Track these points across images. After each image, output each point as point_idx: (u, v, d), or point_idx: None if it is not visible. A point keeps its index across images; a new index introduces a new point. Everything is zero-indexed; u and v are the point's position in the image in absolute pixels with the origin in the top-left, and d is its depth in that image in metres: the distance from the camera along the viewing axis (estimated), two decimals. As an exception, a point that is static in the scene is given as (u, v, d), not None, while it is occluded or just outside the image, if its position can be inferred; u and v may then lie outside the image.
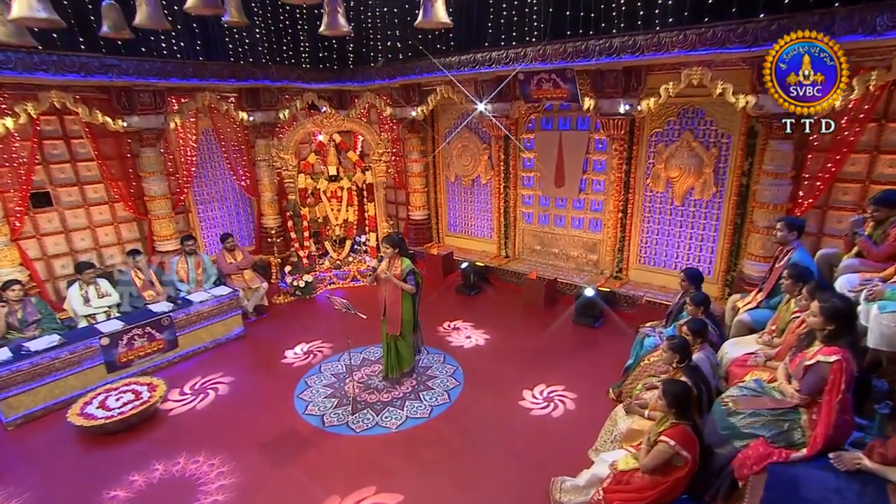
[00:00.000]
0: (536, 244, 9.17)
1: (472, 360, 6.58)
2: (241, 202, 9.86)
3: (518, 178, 9.12)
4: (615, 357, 6.34)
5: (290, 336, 7.45)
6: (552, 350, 6.79)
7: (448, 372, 6.29)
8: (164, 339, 6.72)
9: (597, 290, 7.51)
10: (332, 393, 6.02)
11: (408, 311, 5.64)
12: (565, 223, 8.72)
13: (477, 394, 5.88)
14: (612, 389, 5.81)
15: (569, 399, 5.77)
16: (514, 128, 8.85)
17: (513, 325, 7.57)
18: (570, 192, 8.45)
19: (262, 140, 9.48)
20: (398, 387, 5.97)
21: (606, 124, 7.41)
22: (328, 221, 9.50)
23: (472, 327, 7.50)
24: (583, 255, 8.66)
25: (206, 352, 7.12)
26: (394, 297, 5.59)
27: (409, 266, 5.51)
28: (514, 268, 8.99)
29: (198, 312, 7.06)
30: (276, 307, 8.54)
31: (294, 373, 6.45)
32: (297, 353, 7.02)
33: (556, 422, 5.40)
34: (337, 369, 6.54)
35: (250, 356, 7.01)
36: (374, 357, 6.76)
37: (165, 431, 5.49)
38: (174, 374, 6.61)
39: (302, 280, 8.74)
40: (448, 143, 9.86)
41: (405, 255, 5.60)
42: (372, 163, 9.14)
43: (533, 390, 5.96)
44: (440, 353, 6.78)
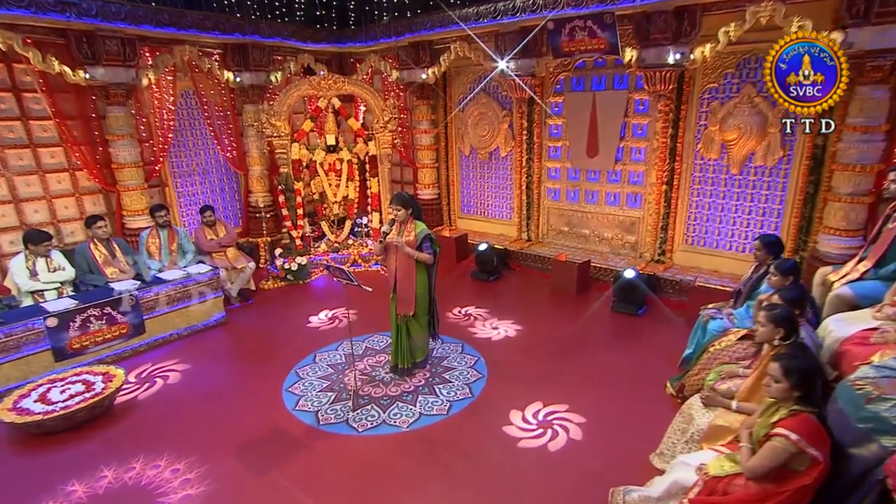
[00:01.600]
0: (563, 225, 8.52)
1: (498, 350, 5.91)
2: (226, 177, 9.17)
3: (543, 148, 8.47)
4: (666, 347, 5.74)
5: (280, 324, 6.76)
6: (591, 341, 6.10)
7: (468, 363, 5.63)
8: (127, 322, 5.89)
9: (638, 272, 6.74)
10: (329, 386, 5.30)
11: (422, 286, 5.01)
12: (598, 199, 8.06)
13: (505, 387, 5.16)
14: (670, 383, 5.05)
15: (617, 396, 4.93)
16: (539, 90, 8.17)
17: (541, 314, 6.91)
18: (604, 162, 7.76)
19: (251, 106, 8.78)
20: (408, 379, 5.29)
21: (651, 79, 6.66)
22: (325, 198, 8.85)
23: (495, 316, 6.79)
24: (618, 237, 8.00)
25: (180, 339, 6.42)
26: (406, 269, 4.93)
27: (424, 231, 4.87)
28: (538, 251, 8.36)
29: (170, 293, 6.33)
30: (265, 293, 7.88)
31: (283, 364, 5.74)
32: (288, 342, 6.31)
33: (604, 422, 4.57)
34: (334, 359, 5.83)
35: (232, 345, 6.34)
36: (379, 346, 6.11)
37: (121, 430, 4.71)
38: (139, 364, 5.85)
39: (294, 262, 7.95)
40: (462, 111, 9.25)
41: (418, 217, 4.95)
42: (376, 132, 8.49)
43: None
44: (457, 341, 6.10)
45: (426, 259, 4.88)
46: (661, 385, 5.07)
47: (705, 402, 3.89)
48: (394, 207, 4.90)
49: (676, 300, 6.91)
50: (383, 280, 5.03)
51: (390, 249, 4.97)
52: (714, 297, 5.80)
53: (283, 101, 8.08)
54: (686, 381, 4.86)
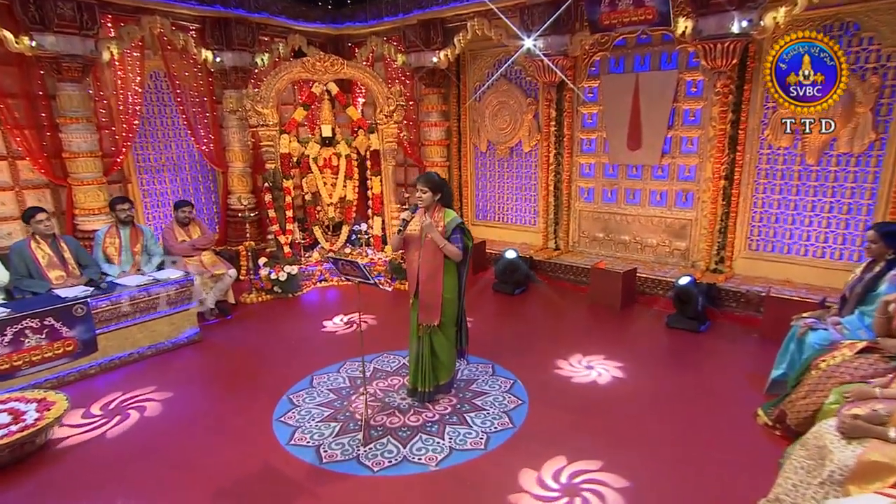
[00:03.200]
0: (599, 230, 8.06)
1: (533, 370, 5.29)
2: (201, 174, 8.69)
3: (575, 141, 8.05)
4: (742, 369, 5.26)
5: (266, 343, 6.10)
6: (650, 362, 5.49)
7: (503, 387, 5.01)
8: (74, 337, 5.17)
9: (696, 282, 6.19)
10: (332, 415, 4.65)
11: (451, 289, 4.44)
12: (641, 200, 7.60)
13: (553, 415, 4.52)
14: (763, 412, 4.47)
15: (693, 429, 4.34)
16: (571, 74, 7.72)
17: (581, 332, 6.35)
18: (649, 156, 7.32)
19: (233, 91, 8.34)
20: (431, 406, 4.67)
21: (709, 54, 6.14)
22: (319, 200, 8.25)
23: (525, 336, 6.19)
24: (666, 243, 7.49)
25: (142, 360, 5.71)
26: (432, 268, 4.37)
27: (455, 220, 4.35)
28: (569, 261, 7.87)
29: (131, 302, 5.63)
30: (247, 308, 7.25)
31: (272, 389, 5.05)
32: (274, 364, 5.65)
33: (682, 460, 3.94)
34: (335, 383, 5.20)
35: (207, 368, 5.65)
36: (391, 367, 5.48)
37: (65, 470, 3.98)
38: (89, 390, 5.10)
39: (283, 272, 7.29)
40: (479, 100, 8.85)
41: (448, 204, 4.43)
42: (379, 123, 7.95)
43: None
44: (486, 361, 5.49)
45: (456, 254, 4.34)
46: (749, 414, 4.45)
47: (846, 432, 3.18)
48: (420, 188, 4.35)
49: (743, 314, 6.36)
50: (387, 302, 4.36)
51: (411, 243, 4.44)
52: (794, 310, 5.17)
53: (272, 86, 7.55)
54: (787, 408, 4.21)
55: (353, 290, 7.31)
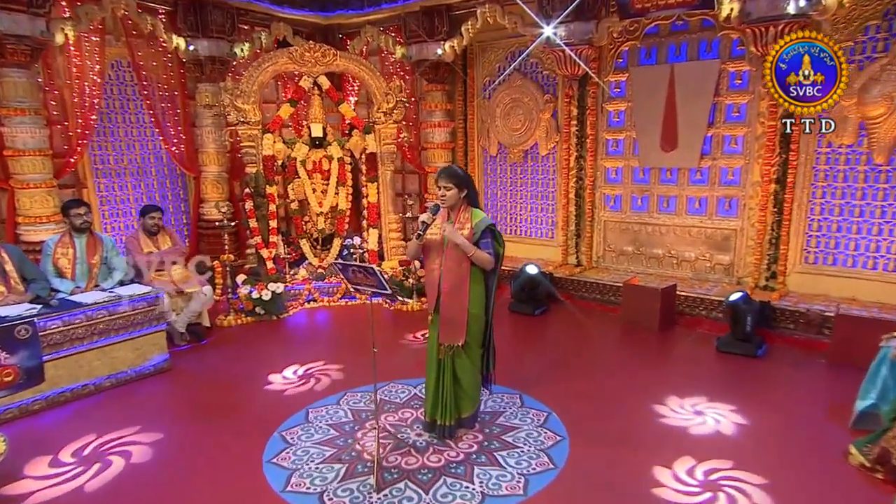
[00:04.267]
0: (627, 243, 7.91)
1: (570, 401, 4.97)
2: (169, 179, 8.42)
3: (599, 143, 7.91)
4: (818, 400, 4.99)
5: (247, 372, 5.71)
6: (704, 393, 5.14)
7: (535, 420, 4.70)
8: (15, 365, 4.72)
9: (749, 299, 6.00)
10: (335, 455, 4.28)
11: (477, 303, 4.19)
12: (676, 208, 7.43)
13: (599, 454, 4.19)
14: (855, 450, 4.14)
15: (777, 472, 3.97)
16: (595, 66, 7.54)
17: (616, 358, 6.13)
18: (685, 158, 7.14)
19: (208, 85, 8.02)
20: (453, 443, 4.34)
21: (759, 39, 5.93)
22: (307, 209, 7.97)
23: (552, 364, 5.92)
24: (706, 257, 7.28)
25: (99, 392, 5.28)
26: (456, 278, 4.12)
27: (484, 221, 4.12)
28: (594, 278, 7.70)
29: (88, 323, 5.22)
30: (223, 331, 6.90)
31: (259, 425, 4.65)
32: (257, 397, 5.22)
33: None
34: (336, 417, 4.84)
35: (179, 402, 5.27)
36: (400, 397, 5.14)
37: None
38: (37, 430, 4.67)
39: (266, 290, 7.01)
40: (489, 97, 8.75)
41: (475, 202, 4.24)
42: (376, 122, 7.80)
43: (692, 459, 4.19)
44: (512, 391, 5.16)
45: (486, 261, 4.09)
46: (839, 453, 4.09)
47: None
48: (442, 185, 4.11)
49: (803, 337, 6.09)
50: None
51: (432, 249, 4.19)
52: (869, 331, 4.89)
53: (254, 79, 7.37)
54: (890, 445, 3.89)
55: (347, 312, 7.29)
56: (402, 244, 8.13)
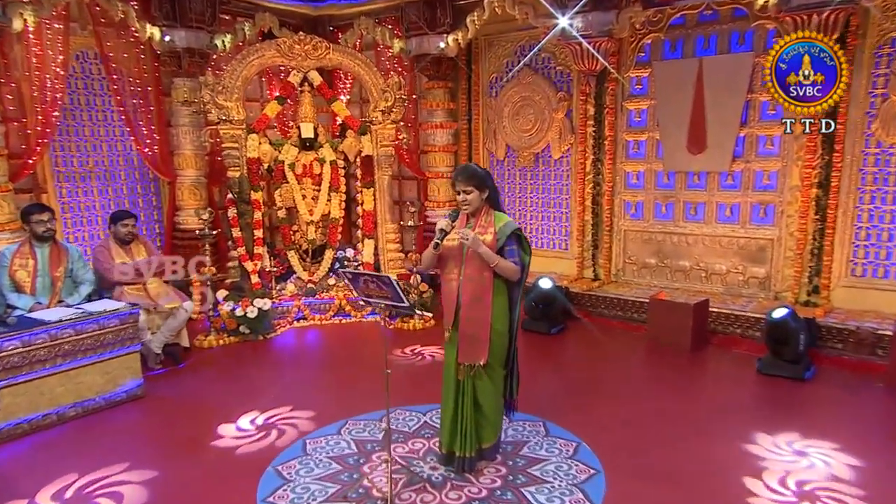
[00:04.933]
0: (650, 255, 7.93)
1: (606, 430, 4.87)
2: (140, 184, 8.42)
3: (619, 144, 7.93)
4: (886, 429, 4.89)
5: (232, 398, 5.55)
6: (747, 421, 5.04)
7: (564, 451, 4.54)
8: None
9: (794, 314, 5.86)
10: (340, 492, 4.05)
11: (501, 318, 4.11)
12: (705, 216, 7.43)
13: (645, 492, 4.04)
14: None
15: None
16: (614, 61, 7.53)
17: (645, 382, 6.06)
18: (715, 160, 7.15)
19: (186, 80, 8.07)
20: (473, 477, 4.19)
21: (800, 28, 5.85)
22: (296, 217, 7.91)
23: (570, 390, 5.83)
24: (739, 269, 7.25)
25: (62, 424, 5.06)
26: (477, 289, 4.03)
27: (509, 226, 4.04)
28: (613, 293, 7.70)
29: (52, 343, 5.02)
30: (203, 353, 6.73)
31: (250, 458, 4.49)
32: (245, 427, 5.02)
33: None
34: (338, 448, 4.63)
35: (157, 434, 5.10)
36: (409, 426, 4.97)
37: None
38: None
39: (252, 307, 6.92)
40: (496, 96, 8.78)
41: (498, 206, 4.17)
42: (373, 122, 7.76)
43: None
44: (535, 418, 5.03)
45: (512, 271, 3.99)
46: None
47: None
48: (461, 188, 3.99)
49: (854, 357, 5.96)
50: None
51: (450, 258, 4.08)
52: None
53: (238, 73, 7.30)
54: None
55: (341, 331, 7.28)
56: (400, 256, 8.10)
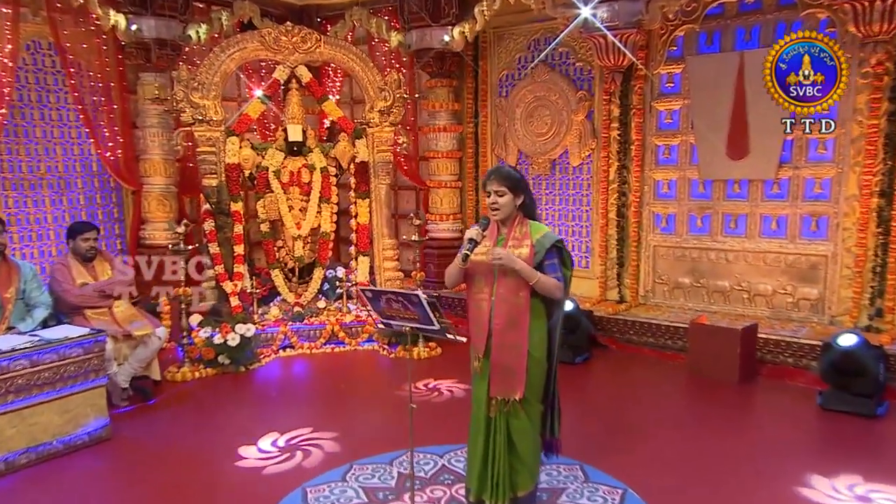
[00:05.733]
0: (683, 273, 7.96)
1: (650, 473, 4.81)
2: (100, 193, 8.43)
3: (648, 149, 7.96)
4: None
5: (212, 440, 5.49)
6: (809, 465, 4.96)
7: (608, 499, 4.47)
8: None
9: (864, 340, 5.76)
10: None
11: (539, 345, 3.99)
12: (748, 229, 7.45)
13: None
14: None
15: None
16: (642, 56, 7.61)
17: (694, 418, 5.99)
18: (759, 167, 7.20)
19: (155, 74, 8.08)
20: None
21: (861, 16, 5.89)
22: (281, 231, 7.98)
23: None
24: (787, 290, 7.26)
25: (13, 472, 4.88)
26: (512, 311, 3.95)
27: (548, 238, 3.97)
28: (645, 318, 7.68)
29: (1, 378, 4.87)
30: (176, 387, 6.62)
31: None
32: (229, 473, 4.96)
33: None
34: (344, 497, 4.46)
35: (125, 484, 4.97)
36: (426, 470, 4.81)
37: None
38: None
39: (233, 334, 6.83)
40: (506, 96, 8.92)
41: (532, 214, 4.10)
42: (370, 124, 7.86)
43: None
44: (572, 462, 4.89)
45: (553, 289, 3.88)
46: None
47: None
48: (493, 189, 3.92)
49: None
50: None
51: (479, 274, 3.99)
52: None
53: (216, 68, 7.35)
54: None
55: (334, 361, 7.27)
56: (398, 276, 8.12)
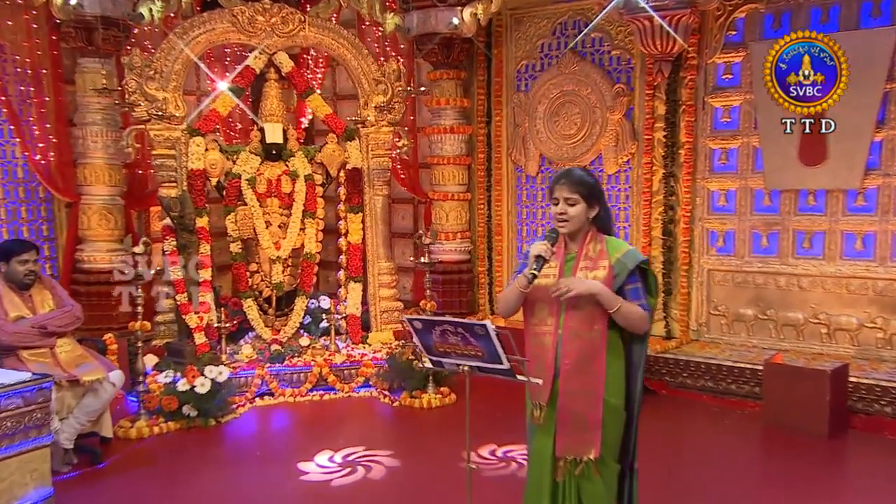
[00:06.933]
0: (745, 303, 7.91)
1: None
2: (26, 206, 8.39)
3: (700, 154, 7.99)
4: None
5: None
6: None
7: None
8: None
9: None
10: None
11: (616, 391, 3.88)
12: (826, 249, 7.41)
13: None
14: None
15: None
16: (694, 42, 7.65)
17: (784, 481, 5.75)
18: (840, 175, 7.16)
19: (99, 60, 8.02)
20: None
21: None
22: (256, 253, 8.04)
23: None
24: (877, 324, 7.20)
25: None
26: (585, 347, 3.81)
27: (632, 255, 3.83)
28: (700, 357, 7.59)
29: None
30: (130, 447, 6.35)
31: None
32: None
33: None
34: None
35: None
36: None
37: None
38: None
39: (201, 378, 6.61)
40: (526, 90, 9.02)
41: (606, 227, 3.95)
42: (365, 123, 8.02)
43: None
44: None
45: (637, 320, 3.75)
46: None
47: None
48: (563, 195, 3.76)
49: None
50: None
51: (542, 301, 3.83)
52: None
53: (176, 53, 7.46)
54: None
55: (324, 411, 7.20)
56: (397, 305, 8.17)
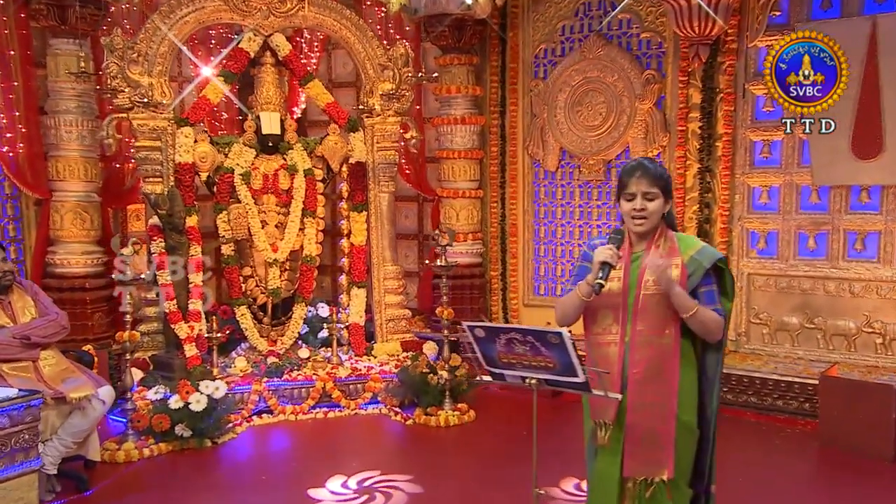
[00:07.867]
0: (790, 311, 8.03)
1: None
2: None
3: (740, 147, 8.15)
4: None
5: None
6: None
7: None
8: None
9: None
10: None
11: (689, 406, 3.91)
12: (880, 252, 7.55)
13: None
14: None
15: None
16: (734, 24, 7.82)
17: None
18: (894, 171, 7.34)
19: (73, 42, 8.12)
20: None
21: None
22: (250, 255, 8.16)
23: None
24: None
25: None
26: (655, 358, 3.87)
27: (704, 253, 3.89)
28: (742, 369, 7.72)
29: None
30: (118, 471, 6.43)
31: None
32: None
33: None
34: None
35: None
36: None
37: None
38: None
39: (197, 395, 6.66)
40: (544, 78, 9.20)
41: (674, 223, 4.02)
42: (369, 113, 8.25)
43: None
44: None
45: (712, 326, 3.77)
46: None
47: None
48: (641, 189, 3.78)
49: None
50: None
51: (604, 307, 3.89)
52: None
53: (162, 34, 7.61)
54: None
55: (329, 430, 7.35)
56: (404, 314, 8.37)
